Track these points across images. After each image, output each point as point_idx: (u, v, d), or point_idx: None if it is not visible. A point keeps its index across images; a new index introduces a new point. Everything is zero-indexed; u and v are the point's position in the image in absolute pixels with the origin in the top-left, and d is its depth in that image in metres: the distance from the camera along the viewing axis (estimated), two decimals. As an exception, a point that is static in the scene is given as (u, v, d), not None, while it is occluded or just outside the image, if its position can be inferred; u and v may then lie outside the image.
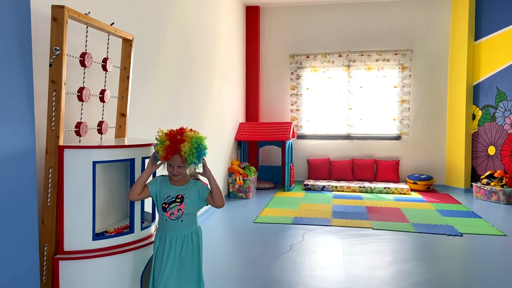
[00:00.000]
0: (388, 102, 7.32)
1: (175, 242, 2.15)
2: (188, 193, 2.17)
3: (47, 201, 2.07)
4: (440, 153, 7.17)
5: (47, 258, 2.07)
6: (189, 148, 2.08)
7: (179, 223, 2.15)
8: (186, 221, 2.17)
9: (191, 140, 2.10)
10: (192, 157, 2.09)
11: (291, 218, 5.01)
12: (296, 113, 7.68)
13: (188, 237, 2.17)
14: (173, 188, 2.18)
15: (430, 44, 7.11)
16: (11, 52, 1.79)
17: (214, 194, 2.18)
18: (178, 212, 2.15)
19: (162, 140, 2.12)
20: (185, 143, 2.08)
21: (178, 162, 2.12)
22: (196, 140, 2.12)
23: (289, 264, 3.52)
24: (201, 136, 2.17)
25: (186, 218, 2.16)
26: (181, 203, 2.15)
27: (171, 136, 2.12)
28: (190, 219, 2.19)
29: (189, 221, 2.18)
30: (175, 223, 2.15)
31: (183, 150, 2.07)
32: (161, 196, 2.18)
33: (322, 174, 7.41)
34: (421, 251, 3.87)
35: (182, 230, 2.16)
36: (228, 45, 6.42)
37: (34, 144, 1.91)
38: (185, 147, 2.07)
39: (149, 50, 3.68)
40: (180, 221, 2.15)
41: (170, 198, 2.16)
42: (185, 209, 2.15)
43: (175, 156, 2.11)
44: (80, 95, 2.29)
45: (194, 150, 2.10)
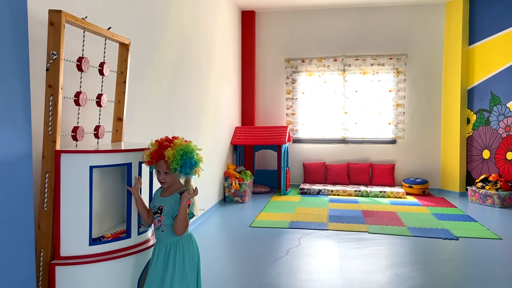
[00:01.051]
0: (383, 106, 7.36)
1: (158, 251, 2.18)
2: (167, 205, 2.18)
3: (44, 206, 2.06)
4: (435, 157, 7.21)
5: (43, 263, 2.05)
6: (173, 154, 2.09)
7: (160, 233, 2.18)
8: (167, 232, 2.17)
9: (177, 147, 2.11)
10: (175, 163, 2.09)
11: (287, 222, 5.01)
12: (292, 117, 7.70)
13: (170, 246, 2.17)
14: (159, 199, 2.22)
15: (424, 49, 7.17)
16: (8, 57, 1.79)
17: (176, 219, 2.15)
18: (158, 223, 2.18)
19: (151, 146, 2.18)
20: (169, 149, 2.11)
21: (163, 167, 2.15)
22: (183, 148, 2.11)
23: (286, 268, 3.51)
24: (190, 146, 2.16)
25: (167, 228, 2.17)
26: (160, 214, 2.18)
27: (159, 142, 2.17)
28: (171, 230, 2.17)
29: (170, 231, 2.17)
30: (158, 233, 2.19)
31: (167, 155, 2.10)
32: (152, 207, 2.27)
33: (318, 178, 7.42)
34: (418, 255, 3.88)
35: (164, 240, 2.17)
36: (224, 50, 6.43)
37: (30, 149, 1.90)
38: (168, 152, 2.10)
39: (146, 54, 3.68)
40: (160, 231, 2.17)
41: (155, 208, 2.22)
42: (163, 220, 2.16)
43: (160, 161, 2.14)
44: (77, 99, 2.28)
45: (179, 157, 2.09)
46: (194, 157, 2.15)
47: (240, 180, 6.31)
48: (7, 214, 1.79)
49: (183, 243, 2.19)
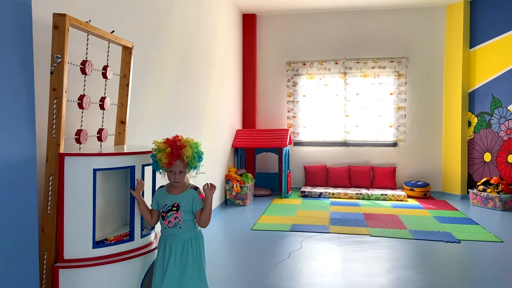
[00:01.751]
0: (384, 109, 7.36)
1: (175, 248, 2.20)
2: (184, 201, 2.22)
3: (47, 209, 2.06)
4: (437, 160, 7.21)
5: (46, 266, 2.05)
6: (191, 152, 2.17)
7: (178, 229, 2.22)
8: (185, 228, 2.23)
9: (191, 145, 2.20)
10: (194, 161, 2.19)
11: (288, 225, 5.01)
12: (293, 120, 7.70)
13: (187, 242, 2.22)
14: (170, 197, 2.24)
15: (425, 52, 7.18)
16: (12, 60, 1.79)
17: (204, 213, 2.25)
18: (175, 220, 2.21)
19: (162, 148, 2.17)
20: (187, 148, 2.17)
21: (180, 167, 2.19)
22: (195, 145, 2.23)
23: (288, 271, 3.51)
24: (197, 143, 2.27)
25: (185, 224, 2.22)
26: (177, 211, 2.21)
27: (170, 143, 2.19)
28: (189, 225, 2.24)
29: (188, 227, 2.24)
30: (174, 230, 2.21)
31: (186, 155, 2.15)
32: (160, 206, 2.26)
33: (319, 181, 7.42)
34: (420, 258, 3.87)
35: (182, 236, 2.22)
36: (225, 53, 6.45)
37: (34, 152, 1.91)
38: (188, 151, 2.16)
39: (148, 58, 3.69)
40: (178, 228, 2.22)
41: (167, 206, 2.23)
42: (181, 216, 2.21)
43: (177, 162, 2.17)
44: (81, 102, 2.29)
45: (196, 155, 2.20)
46: (202, 152, 2.28)
47: (241, 183, 6.31)
48: (11, 217, 1.79)
49: (199, 238, 2.27)
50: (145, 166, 2.35)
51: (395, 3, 7.01)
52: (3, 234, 1.75)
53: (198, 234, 2.29)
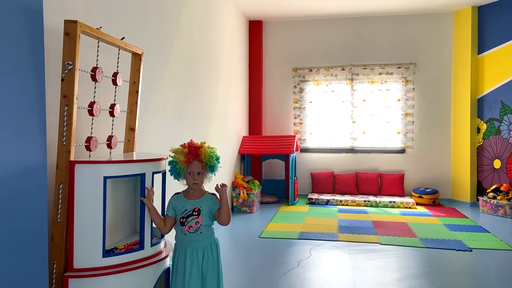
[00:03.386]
0: (392, 116, 7.31)
1: (196, 254, 2.22)
2: (204, 206, 2.27)
3: (57, 217, 2.03)
4: (445, 167, 7.13)
5: (56, 276, 2.02)
6: (208, 152, 2.23)
7: (198, 235, 2.23)
8: (205, 233, 2.25)
9: (207, 146, 2.28)
10: (212, 160, 2.23)
11: (296, 233, 4.96)
12: (300, 126, 7.67)
13: (208, 248, 2.26)
14: (189, 202, 2.27)
15: (433, 58, 7.14)
16: (24, 67, 1.78)
17: (222, 209, 2.27)
18: (196, 224, 2.23)
19: (180, 150, 2.26)
20: (204, 147, 2.25)
21: (198, 168, 2.25)
22: (210, 148, 2.29)
23: (298, 280, 3.46)
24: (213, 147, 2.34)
25: (205, 229, 2.25)
26: (198, 215, 2.24)
27: (188, 145, 2.27)
28: (208, 231, 2.28)
29: (208, 233, 2.27)
30: (195, 236, 2.23)
31: (203, 154, 2.22)
32: (179, 212, 2.26)
33: (326, 188, 7.36)
34: (431, 266, 3.81)
35: (202, 242, 2.24)
36: (231, 60, 6.45)
37: (45, 159, 1.89)
38: (205, 150, 2.23)
39: (156, 65, 3.68)
40: (199, 233, 2.24)
41: (187, 212, 2.24)
42: (202, 221, 2.24)
43: (195, 162, 2.23)
44: (91, 109, 2.27)
45: (213, 155, 2.26)
46: (218, 155, 2.33)
47: (248, 190, 6.27)
48: (21, 225, 1.77)
49: (217, 244, 2.31)
50: (155, 173, 2.32)
51: (402, 9, 6.99)
52: (13, 242, 1.73)
53: (216, 240, 2.33)
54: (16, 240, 1.74)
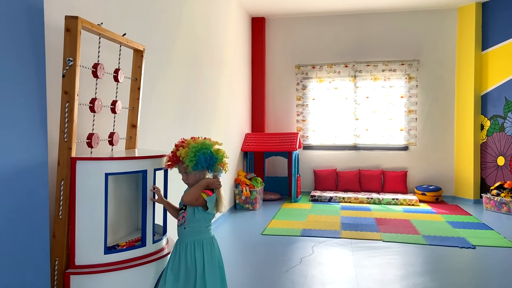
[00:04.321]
0: (395, 113, 7.28)
1: (179, 249, 2.20)
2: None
3: (59, 214, 2.03)
4: (449, 164, 7.10)
5: (58, 272, 2.02)
6: (185, 152, 2.17)
7: (182, 230, 2.22)
8: (189, 230, 2.20)
9: (190, 145, 2.18)
10: (188, 161, 2.15)
11: (299, 230, 4.95)
12: (302, 123, 7.65)
13: (190, 246, 2.18)
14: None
15: (437, 54, 7.10)
16: (24, 63, 1.77)
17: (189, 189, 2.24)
18: (182, 219, 2.23)
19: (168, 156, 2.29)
20: (182, 149, 2.19)
21: (182, 168, 2.24)
22: (195, 146, 2.17)
23: (300, 277, 3.45)
24: (205, 142, 2.22)
25: (189, 226, 2.20)
26: (185, 210, 2.23)
27: (176, 145, 2.27)
28: (193, 228, 2.20)
29: (192, 230, 2.20)
30: (180, 230, 2.23)
31: (180, 155, 2.18)
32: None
33: (329, 185, 7.35)
34: (434, 264, 3.79)
35: (185, 238, 2.20)
36: (234, 57, 6.43)
37: (46, 156, 1.88)
38: (181, 151, 2.18)
39: (158, 61, 3.67)
40: (183, 228, 2.21)
41: (181, 205, 2.28)
42: (187, 216, 2.21)
43: (179, 163, 2.23)
44: (92, 106, 2.26)
45: (192, 154, 2.15)
46: (210, 152, 2.19)
47: (251, 187, 6.26)
48: (23, 222, 1.76)
49: (204, 244, 2.20)
50: (156, 170, 2.31)
51: (406, 6, 6.94)
52: (15, 239, 1.73)
53: (205, 241, 2.20)
54: (18, 236, 1.74)
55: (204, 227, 2.22)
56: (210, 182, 2.21)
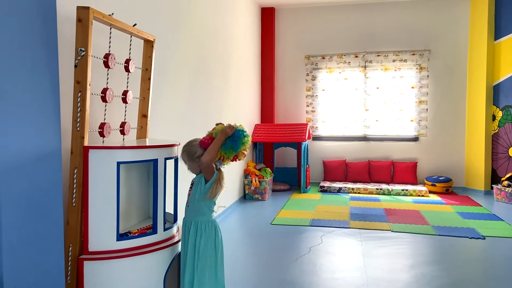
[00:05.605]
0: (406, 103, 7.23)
1: (184, 227, 2.33)
2: (196, 180, 2.34)
3: (72, 201, 2.08)
4: (459, 155, 7.05)
5: (71, 258, 2.08)
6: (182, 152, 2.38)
7: (187, 208, 2.34)
8: (191, 208, 2.31)
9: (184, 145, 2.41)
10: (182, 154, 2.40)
11: (308, 220, 4.97)
12: (312, 114, 7.63)
13: (190, 224, 2.29)
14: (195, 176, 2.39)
15: (448, 44, 7.00)
16: (37, 54, 1.80)
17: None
18: (188, 197, 2.35)
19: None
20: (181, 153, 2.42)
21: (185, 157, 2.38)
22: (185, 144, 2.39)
23: (309, 266, 3.48)
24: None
25: (191, 204, 2.31)
26: (190, 188, 2.35)
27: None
28: (194, 207, 2.31)
29: (193, 209, 2.31)
30: (186, 208, 2.35)
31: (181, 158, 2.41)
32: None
33: (338, 176, 7.35)
34: (443, 254, 3.80)
35: (188, 215, 2.33)
36: (243, 47, 6.42)
37: (60, 145, 1.92)
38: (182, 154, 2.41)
39: (167, 51, 3.69)
40: (187, 205, 2.34)
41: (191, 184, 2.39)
42: (191, 195, 2.33)
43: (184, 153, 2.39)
44: (104, 96, 2.30)
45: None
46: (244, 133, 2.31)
47: (260, 178, 6.30)
48: (37, 209, 1.81)
49: (203, 226, 2.28)
50: (167, 159, 2.34)
51: (417, -5, 6.85)
52: (30, 226, 1.77)
53: (204, 223, 2.28)
54: (32, 223, 1.79)
55: (205, 209, 2.31)
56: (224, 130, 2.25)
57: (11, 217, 1.65)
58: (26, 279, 1.72)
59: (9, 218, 1.64)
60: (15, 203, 1.70)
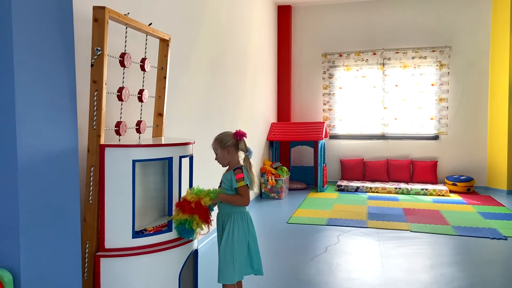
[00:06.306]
0: (425, 101, 7.09)
1: (218, 221, 2.47)
2: (225, 179, 2.43)
3: (89, 198, 2.10)
4: (481, 153, 6.87)
5: (88, 255, 2.10)
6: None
7: (219, 203, 2.44)
8: (223, 203, 2.42)
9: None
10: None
11: (325, 219, 4.93)
12: (329, 112, 7.57)
13: (225, 217, 2.42)
14: (223, 175, 2.47)
15: (469, 40, 6.84)
16: (54, 53, 1.83)
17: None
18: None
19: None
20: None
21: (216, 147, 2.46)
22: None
23: (325, 266, 3.45)
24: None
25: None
26: (219, 187, 2.45)
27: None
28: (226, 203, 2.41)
29: (226, 204, 2.41)
30: (218, 204, 2.45)
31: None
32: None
33: (356, 175, 7.26)
34: (464, 254, 3.71)
35: (221, 210, 2.45)
36: (260, 45, 6.41)
37: (77, 143, 1.94)
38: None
39: (183, 50, 3.71)
40: (220, 202, 2.42)
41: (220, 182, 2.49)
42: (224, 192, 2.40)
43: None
44: (120, 94, 2.32)
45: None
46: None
47: (276, 176, 6.28)
48: (54, 206, 1.83)
49: (235, 217, 2.39)
50: (182, 157, 2.35)
51: (437, -10, 6.71)
52: (47, 223, 1.80)
53: (237, 214, 2.39)
54: (50, 221, 1.82)
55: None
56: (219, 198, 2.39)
57: (29, 215, 1.68)
58: (43, 276, 1.75)
59: (27, 216, 1.67)
60: (33, 201, 1.72)
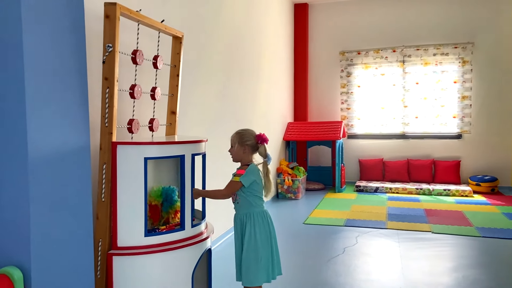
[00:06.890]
0: (447, 99, 6.90)
1: (236, 223, 2.42)
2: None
3: (101, 196, 2.09)
4: (506, 153, 6.64)
5: (101, 253, 2.09)
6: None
7: (237, 205, 2.42)
8: (241, 204, 2.39)
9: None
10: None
11: (343, 220, 4.84)
12: (347, 111, 7.45)
13: (244, 218, 2.38)
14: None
15: (493, 36, 6.62)
16: (66, 50, 1.82)
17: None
18: (234, 196, 2.42)
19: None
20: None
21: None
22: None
23: (343, 267, 3.37)
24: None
25: (241, 201, 2.39)
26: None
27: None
28: (244, 203, 2.38)
29: (244, 204, 2.38)
30: (235, 206, 2.43)
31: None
32: None
33: (375, 175, 7.12)
34: (488, 256, 3.57)
35: (240, 212, 2.41)
36: (276, 44, 6.35)
37: (88, 141, 1.93)
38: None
39: (198, 48, 3.69)
40: (236, 203, 2.41)
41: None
42: (237, 193, 2.38)
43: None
44: (132, 92, 2.30)
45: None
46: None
47: (293, 177, 6.20)
48: (66, 203, 1.83)
49: (255, 217, 2.38)
50: (195, 155, 2.32)
51: (459, -15, 6.52)
52: (60, 221, 1.79)
53: (256, 214, 2.38)
54: (62, 219, 1.81)
55: (254, 202, 2.39)
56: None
57: (41, 213, 1.67)
58: (56, 273, 1.74)
59: (39, 214, 1.66)
60: (46, 199, 1.72)
